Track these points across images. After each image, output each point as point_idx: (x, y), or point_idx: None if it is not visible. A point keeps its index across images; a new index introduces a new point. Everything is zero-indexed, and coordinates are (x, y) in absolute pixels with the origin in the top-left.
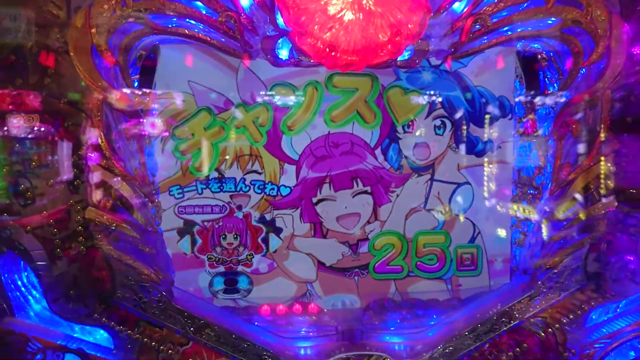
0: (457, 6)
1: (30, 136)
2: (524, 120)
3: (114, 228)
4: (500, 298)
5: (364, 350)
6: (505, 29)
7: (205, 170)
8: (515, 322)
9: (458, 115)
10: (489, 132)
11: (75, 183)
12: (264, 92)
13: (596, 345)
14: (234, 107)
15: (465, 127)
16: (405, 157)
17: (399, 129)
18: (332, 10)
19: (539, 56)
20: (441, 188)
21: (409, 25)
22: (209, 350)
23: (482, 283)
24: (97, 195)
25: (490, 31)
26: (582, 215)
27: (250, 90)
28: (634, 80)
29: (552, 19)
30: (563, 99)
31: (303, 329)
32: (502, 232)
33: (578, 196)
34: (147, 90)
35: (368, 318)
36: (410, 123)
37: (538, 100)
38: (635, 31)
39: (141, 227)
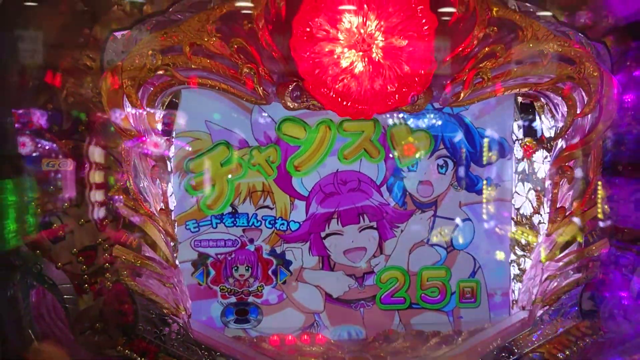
0: (459, 60)
1: (60, 176)
2: (522, 162)
3: (138, 265)
4: (500, 332)
5: None
6: (506, 80)
7: (217, 207)
8: (515, 357)
9: (460, 155)
10: (489, 172)
11: (104, 222)
12: (277, 132)
13: None
14: (249, 147)
15: (466, 167)
16: (410, 194)
17: (404, 168)
18: (344, 63)
19: (536, 104)
20: (443, 224)
21: (415, 78)
22: None
23: (482, 316)
24: (123, 233)
25: (490, 84)
26: (577, 256)
27: (264, 130)
28: (625, 129)
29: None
30: (559, 146)
31: None
32: (501, 268)
33: (573, 238)
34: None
35: (373, 349)
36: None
37: (535, 144)
38: (625, 83)
39: (163, 263)
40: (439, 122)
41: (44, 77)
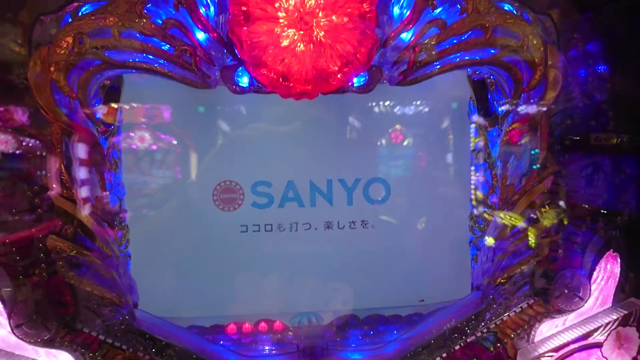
0: (404, 36)
1: None
2: (478, 141)
3: (74, 255)
4: (455, 314)
5: None
6: (452, 56)
7: None
8: (467, 338)
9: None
10: (447, 152)
11: (37, 212)
12: None
13: (543, 359)
14: None
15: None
16: None
17: None
18: (284, 42)
19: (487, 80)
20: None
21: (357, 56)
22: None
23: (444, 298)
24: (58, 223)
25: (435, 60)
26: (527, 234)
27: None
28: (573, 104)
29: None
30: (508, 122)
31: (266, 347)
32: (460, 249)
33: (522, 215)
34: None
35: (330, 335)
36: None
37: (488, 122)
38: (572, 57)
39: (103, 252)
40: None
41: None
